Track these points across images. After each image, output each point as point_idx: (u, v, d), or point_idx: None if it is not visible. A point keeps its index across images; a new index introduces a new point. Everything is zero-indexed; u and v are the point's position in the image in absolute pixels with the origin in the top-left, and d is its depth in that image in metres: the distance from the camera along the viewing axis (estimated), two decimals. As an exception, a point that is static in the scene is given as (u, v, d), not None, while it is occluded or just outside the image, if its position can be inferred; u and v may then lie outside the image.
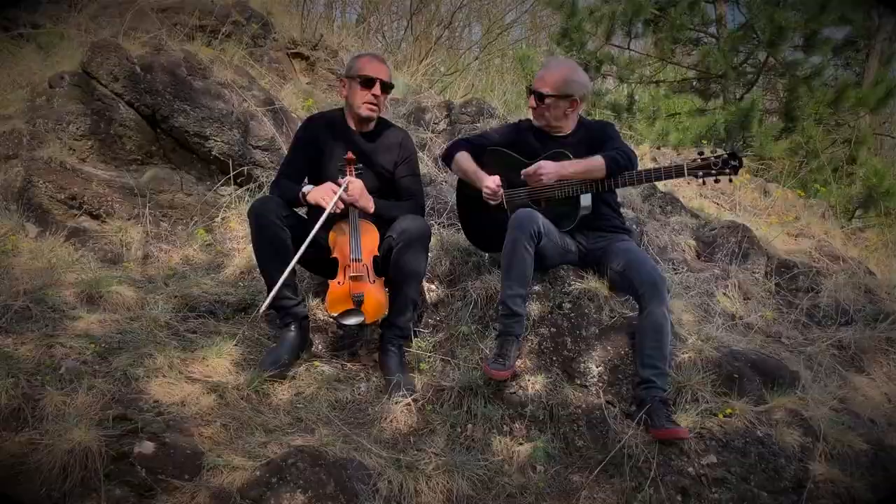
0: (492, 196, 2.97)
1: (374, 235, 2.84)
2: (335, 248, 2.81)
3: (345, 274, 2.78)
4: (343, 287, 2.76)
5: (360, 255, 2.76)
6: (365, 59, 2.92)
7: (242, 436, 2.40)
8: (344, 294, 2.75)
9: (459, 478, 2.41)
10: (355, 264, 2.75)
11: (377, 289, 2.82)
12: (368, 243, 2.81)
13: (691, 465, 2.45)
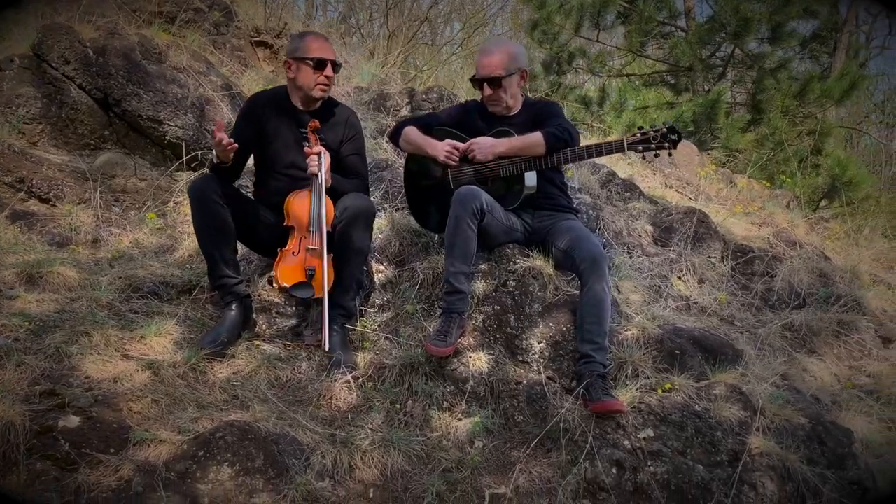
0: (451, 154, 2.90)
1: (331, 209, 2.80)
2: (291, 216, 2.78)
3: (300, 245, 2.74)
4: (298, 258, 2.73)
5: (318, 228, 2.73)
6: (312, 40, 2.89)
7: (174, 411, 2.37)
8: (298, 265, 2.72)
9: (395, 453, 2.40)
10: (313, 236, 2.72)
11: (328, 264, 2.79)
12: (327, 216, 2.78)
13: (627, 438, 2.45)
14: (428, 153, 2.95)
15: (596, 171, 4.52)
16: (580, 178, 4.42)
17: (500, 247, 3.01)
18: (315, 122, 2.77)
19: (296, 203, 2.77)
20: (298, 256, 2.69)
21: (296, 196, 2.77)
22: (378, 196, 3.79)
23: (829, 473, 2.48)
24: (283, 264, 2.71)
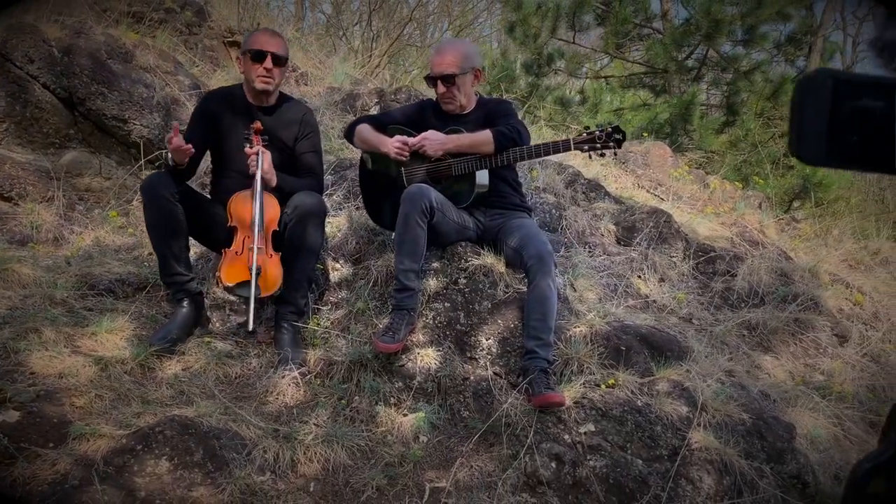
0: (401, 150, 2.92)
1: (275, 208, 2.83)
2: (235, 217, 2.80)
3: (243, 244, 2.77)
4: (241, 257, 2.75)
5: (261, 226, 2.75)
6: (257, 34, 2.93)
7: (118, 407, 2.39)
8: (241, 264, 2.74)
9: (338, 448, 2.42)
10: (256, 235, 2.74)
11: (275, 263, 2.81)
12: (269, 215, 2.80)
13: (568, 433, 2.49)
14: (380, 150, 2.98)
15: (561, 171, 4.56)
16: (545, 177, 4.46)
17: (452, 245, 3.04)
18: (258, 124, 2.80)
19: (237, 203, 2.79)
20: (242, 256, 2.72)
21: (238, 196, 2.80)
22: (340, 194, 3.82)
23: (767, 467, 2.52)
24: (227, 264, 2.73)
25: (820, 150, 0.47)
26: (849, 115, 0.47)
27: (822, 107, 0.46)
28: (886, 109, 0.48)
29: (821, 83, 0.46)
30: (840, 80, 0.47)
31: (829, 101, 0.46)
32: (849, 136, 0.47)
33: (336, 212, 3.65)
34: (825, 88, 0.46)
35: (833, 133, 0.47)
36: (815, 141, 0.46)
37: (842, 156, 0.47)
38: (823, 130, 0.46)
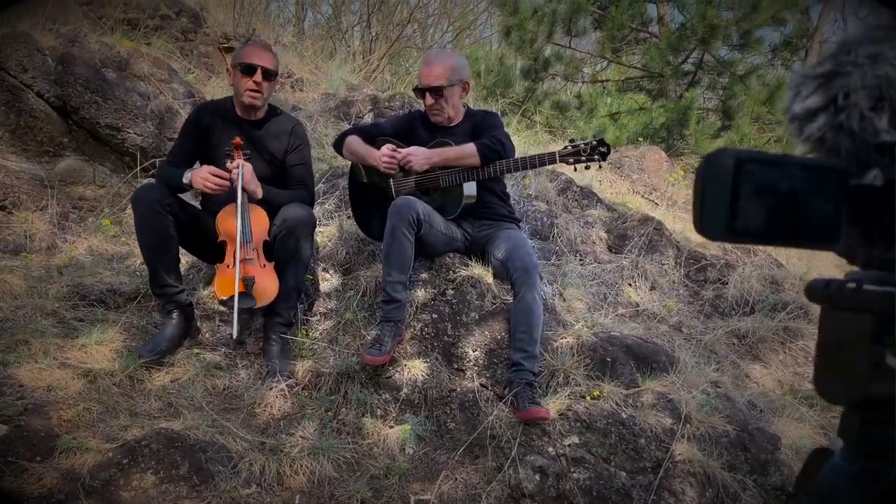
0: (389, 162, 2.94)
1: (263, 219, 2.85)
2: (223, 232, 2.82)
3: (234, 257, 2.79)
4: (232, 270, 2.77)
5: (249, 238, 2.78)
6: (248, 47, 2.95)
7: (106, 420, 2.41)
8: (233, 276, 2.77)
9: (324, 460, 2.44)
10: (244, 248, 2.77)
11: (267, 273, 2.84)
12: (258, 227, 2.82)
13: (552, 445, 2.50)
14: (368, 162, 3.00)
15: (553, 179, 4.58)
16: (537, 185, 4.48)
17: (440, 256, 3.06)
18: (237, 139, 2.82)
19: (224, 218, 2.82)
20: (232, 269, 2.74)
21: (224, 212, 2.82)
22: (332, 203, 3.84)
23: (750, 480, 2.53)
24: (220, 278, 2.76)
25: (723, 227, 0.48)
26: (750, 193, 0.49)
27: (724, 185, 0.48)
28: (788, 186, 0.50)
29: (723, 162, 0.48)
30: (741, 158, 0.48)
31: (731, 180, 0.48)
32: (751, 213, 0.49)
33: (328, 221, 3.67)
34: (727, 167, 0.48)
35: (735, 210, 0.48)
36: (717, 218, 0.48)
37: (745, 232, 0.49)
38: (726, 208, 0.48)
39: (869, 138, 0.50)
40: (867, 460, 0.52)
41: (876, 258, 0.51)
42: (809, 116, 0.53)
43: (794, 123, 0.55)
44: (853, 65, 0.51)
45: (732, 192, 0.48)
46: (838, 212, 0.51)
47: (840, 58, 0.52)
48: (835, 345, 0.52)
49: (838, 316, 0.51)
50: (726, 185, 0.48)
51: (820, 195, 0.50)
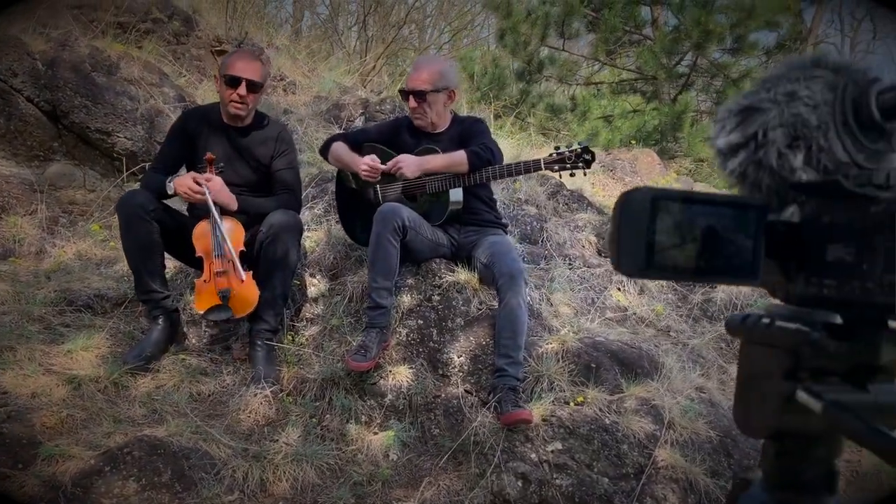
0: (370, 172, 2.94)
1: (239, 230, 2.86)
2: (198, 246, 2.84)
3: (210, 270, 2.81)
4: (209, 284, 2.79)
5: (223, 251, 2.79)
6: (234, 58, 2.94)
7: (89, 426, 2.42)
8: (210, 290, 2.78)
9: (308, 466, 2.45)
10: (219, 260, 2.78)
11: (246, 283, 2.84)
12: (232, 237, 2.83)
13: (535, 451, 2.51)
14: (352, 169, 3.01)
15: (543, 183, 4.58)
16: (527, 189, 4.49)
17: (426, 261, 3.07)
18: (210, 155, 2.82)
19: (198, 235, 2.82)
20: (210, 283, 2.76)
21: (197, 228, 2.83)
22: (321, 208, 3.85)
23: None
24: (197, 293, 2.78)
25: (640, 265, 0.49)
26: (667, 230, 0.50)
27: (640, 223, 0.49)
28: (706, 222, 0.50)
29: (639, 200, 0.49)
30: (657, 196, 0.49)
31: (648, 217, 0.49)
32: (668, 250, 0.50)
33: (316, 226, 3.67)
34: (643, 205, 0.49)
35: (652, 248, 0.49)
36: (634, 256, 0.49)
37: (663, 269, 0.50)
38: (643, 245, 0.49)
39: (786, 175, 0.51)
40: (781, 492, 0.52)
41: (793, 294, 0.52)
42: (732, 151, 0.54)
43: (719, 158, 0.56)
44: (772, 102, 0.52)
45: (648, 230, 0.49)
46: (757, 247, 0.51)
47: (761, 95, 0.53)
48: (751, 378, 0.52)
49: (754, 350, 0.52)
50: (642, 222, 0.49)
51: (738, 231, 0.51)
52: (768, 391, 0.50)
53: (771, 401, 0.50)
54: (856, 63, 0.52)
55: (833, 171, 0.50)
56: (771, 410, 0.50)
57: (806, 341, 0.48)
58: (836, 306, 0.49)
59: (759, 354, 0.52)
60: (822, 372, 0.51)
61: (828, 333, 0.49)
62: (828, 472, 0.52)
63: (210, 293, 2.77)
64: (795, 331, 0.48)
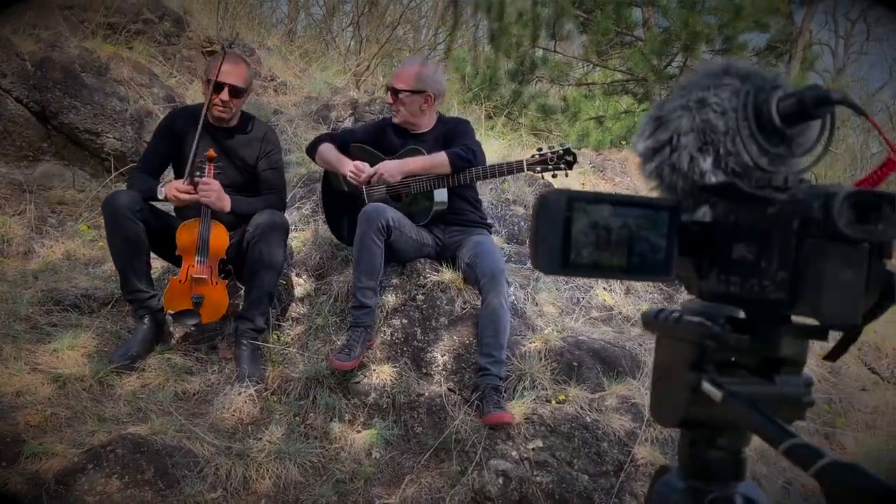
0: (355, 175, 2.97)
1: (223, 237, 2.88)
2: (180, 246, 2.86)
3: (187, 273, 2.83)
4: (184, 286, 2.82)
5: (205, 257, 2.81)
6: (218, 62, 2.95)
7: (73, 425, 2.44)
8: (184, 293, 2.81)
9: (290, 464, 2.47)
10: (199, 265, 2.80)
11: (219, 290, 2.88)
12: (216, 244, 2.85)
13: (516, 449, 2.54)
14: (339, 170, 3.03)
15: (532, 183, 4.61)
16: (515, 190, 4.51)
17: (411, 261, 3.10)
18: (211, 152, 2.84)
19: (182, 233, 2.84)
20: (184, 284, 2.79)
21: (183, 227, 2.85)
22: (309, 208, 3.87)
23: (712, 483, 2.58)
24: (170, 292, 2.81)
25: (557, 263, 0.52)
26: (583, 230, 0.52)
27: (556, 223, 0.52)
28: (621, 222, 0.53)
29: (555, 201, 0.51)
30: (572, 197, 0.52)
31: (563, 218, 0.52)
32: (584, 249, 0.52)
33: (304, 226, 3.70)
34: (559, 206, 0.52)
35: (568, 247, 0.52)
36: (551, 255, 0.52)
37: (578, 267, 0.53)
38: (559, 245, 0.52)
39: (696, 178, 0.54)
40: (692, 480, 0.55)
41: (705, 290, 0.55)
42: (649, 156, 0.57)
43: (640, 161, 0.58)
44: (684, 109, 0.55)
45: (565, 230, 0.52)
46: (670, 246, 0.54)
47: (675, 102, 0.56)
48: (662, 370, 0.55)
49: (665, 343, 0.55)
50: (558, 223, 0.51)
51: (652, 231, 0.54)
52: (676, 382, 0.53)
53: (679, 391, 0.52)
54: (763, 71, 0.55)
55: (740, 174, 0.53)
56: (679, 400, 0.52)
57: (708, 335, 0.50)
58: (740, 302, 0.52)
59: (669, 347, 0.54)
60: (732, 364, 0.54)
61: (732, 327, 0.52)
62: (735, 460, 0.55)
63: (183, 296, 2.80)
64: (699, 324, 0.51)
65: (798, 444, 0.43)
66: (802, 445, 0.43)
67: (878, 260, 0.47)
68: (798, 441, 0.43)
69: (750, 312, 0.52)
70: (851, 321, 0.48)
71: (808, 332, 0.52)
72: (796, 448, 0.43)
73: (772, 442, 0.45)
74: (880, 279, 0.48)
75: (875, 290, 0.48)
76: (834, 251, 0.46)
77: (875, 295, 0.48)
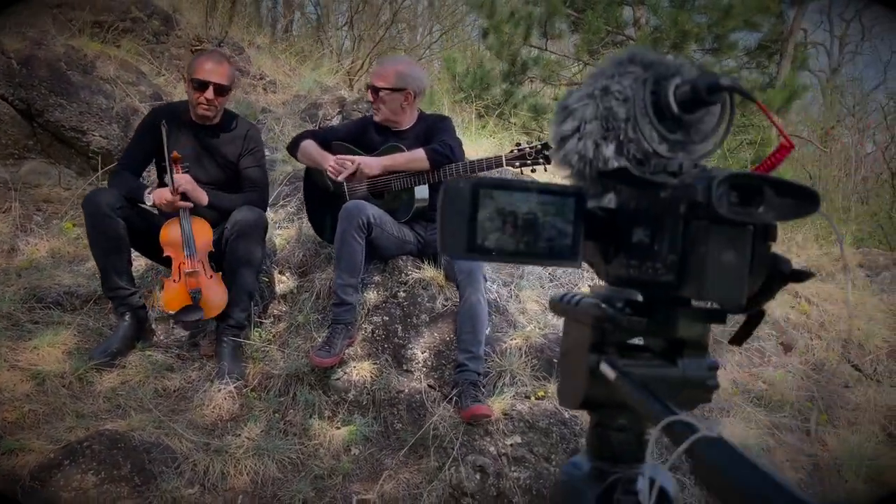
0: (335, 170, 2.97)
1: (207, 230, 2.89)
2: (167, 247, 2.86)
3: (180, 271, 2.83)
4: (179, 284, 2.81)
5: (193, 251, 2.82)
6: (201, 61, 2.96)
7: (52, 421, 2.44)
8: (180, 291, 2.81)
9: (269, 461, 2.48)
10: (189, 260, 2.81)
11: (215, 283, 2.88)
12: (201, 238, 2.86)
13: (494, 444, 2.55)
14: (321, 167, 3.04)
15: (518, 182, 4.62)
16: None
17: (393, 258, 3.10)
18: (175, 154, 2.85)
19: (166, 233, 2.85)
20: (179, 282, 2.78)
21: (165, 227, 2.85)
22: (294, 206, 3.88)
23: (689, 479, 2.59)
24: (166, 293, 2.81)
25: (463, 246, 0.53)
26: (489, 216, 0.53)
27: (462, 209, 0.53)
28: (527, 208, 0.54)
29: (461, 188, 0.52)
30: (477, 184, 0.53)
31: (469, 204, 0.53)
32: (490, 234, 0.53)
33: (288, 223, 3.70)
34: (464, 193, 0.53)
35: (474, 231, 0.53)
36: (458, 238, 0.52)
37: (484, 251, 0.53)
38: (465, 229, 0.53)
39: (600, 165, 0.55)
40: (598, 461, 0.56)
41: (611, 274, 0.56)
42: (560, 143, 0.58)
43: (553, 149, 0.59)
44: (590, 97, 0.56)
45: (471, 216, 0.52)
46: (577, 232, 0.55)
47: (583, 90, 0.57)
48: (566, 353, 0.56)
49: (569, 326, 0.56)
50: (464, 208, 0.52)
51: (559, 217, 0.55)
52: (578, 364, 0.54)
53: (580, 373, 0.53)
54: (668, 59, 0.56)
55: (641, 161, 0.54)
56: (580, 382, 0.53)
57: (604, 317, 0.51)
58: (639, 285, 0.53)
59: (572, 330, 0.55)
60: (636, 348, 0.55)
61: (631, 310, 0.53)
62: (639, 441, 0.56)
63: (180, 293, 2.80)
64: (595, 307, 0.52)
65: (676, 420, 0.44)
66: (680, 422, 0.44)
67: (763, 242, 0.48)
68: (678, 418, 0.44)
69: (647, 295, 0.53)
70: (735, 302, 0.49)
71: (706, 316, 0.53)
72: (674, 424, 0.44)
73: (653, 419, 0.46)
74: (765, 261, 0.48)
75: (761, 273, 0.49)
76: (717, 234, 0.47)
77: (761, 277, 0.49)
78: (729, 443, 0.42)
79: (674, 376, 0.54)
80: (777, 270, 0.49)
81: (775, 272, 0.49)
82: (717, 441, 0.42)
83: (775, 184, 0.46)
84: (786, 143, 0.52)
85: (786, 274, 0.49)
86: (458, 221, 0.53)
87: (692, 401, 0.56)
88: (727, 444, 0.41)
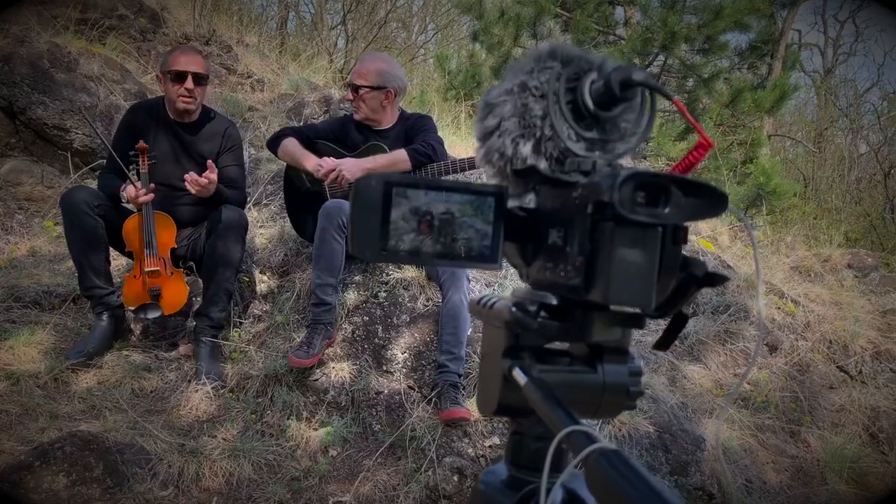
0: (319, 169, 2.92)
1: (170, 227, 2.87)
2: (129, 243, 2.84)
3: (140, 268, 2.81)
4: (138, 281, 2.80)
5: (154, 249, 2.80)
6: (176, 54, 2.94)
7: (24, 422, 2.41)
8: (140, 288, 2.80)
9: (244, 462, 2.46)
10: (150, 258, 2.79)
11: (175, 281, 2.86)
12: (164, 236, 2.84)
13: (472, 446, 2.53)
14: (303, 166, 3.01)
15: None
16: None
17: (374, 258, 3.08)
18: (142, 144, 2.82)
19: (128, 230, 2.83)
20: (139, 279, 2.77)
21: (128, 222, 2.83)
22: (277, 205, 3.85)
23: (670, 480, 2.58)
24: (127, 289, 2.79)
25: (374, 249, 0.51)
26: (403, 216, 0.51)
27: (374, 209, 0.51)
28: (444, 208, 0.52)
29: (372, 186, 0.50)
30: (390, 182, 0.51)
31: (381, 203, 0.51)
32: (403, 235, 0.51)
33: (271, 223, 3.68)
34: (376, 191, 0.51)
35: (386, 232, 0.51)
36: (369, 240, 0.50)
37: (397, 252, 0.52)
38: (377, 230, 0.51)
39: (518, 164, 0.53)
40: (514, 469, 0.54)
41: (531, 276, 0.54)
42: (481, 140, 0.56)
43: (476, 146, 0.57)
44: (508, 93, 0.54)
45: (383, 215, 0.50)
46: (496, 233, 0.53)
47: (503, 86, 0.55)
48: (483, 357, 0.54)
49: (487, 329, 0.54)
50: (376, 208, 0.50)
51: (478, 217, 0.53)
52: (493, 369, 0.52)
53: (495, 378, 0.52)
54: (588, 54, 0.54)
55: (560, 160, 0.52)
56: (494, 388, 0.52)
57: (514, 320, 0.49)
58: (554, 288, 0.51)
59: (489, 334, 0.54)
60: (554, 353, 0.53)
61: (546, 314, 0.51)
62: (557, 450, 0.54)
63: (140, 291, 2.79)
64: (506, 310, 0.50)
65: (576, 430, 0.42)
66: (580, 433, 0.42)
67: (673, 244, 0.46)
68: (578, 428, 0.43)
69: (561, 298, 0.51)
70: (643, 306, 0.47)
71: (622, 320, 0.51)
72: (573, 434, 0.42)
73: (555, 427, 0.44)
74: (676, 264, 0.47)
75: (672, 275, 0.47)
76: (623, 235, 0.45)
77: (673, 280, 0.47)
78: (624, 456, 0.40)
79: (594, 382, 0.53)
80: (690, 273, 0.47)
81: (688, 275, 0.47)
82: (613, 453, 0.40)
83: (683, 183, 0.45)
84: (704, 141, 0.50)
85: (699, 277, 0.47)
86: (370, 221, 0.51)
87: (615, 407, 0.54)
88: (622, 458, 0.40)
